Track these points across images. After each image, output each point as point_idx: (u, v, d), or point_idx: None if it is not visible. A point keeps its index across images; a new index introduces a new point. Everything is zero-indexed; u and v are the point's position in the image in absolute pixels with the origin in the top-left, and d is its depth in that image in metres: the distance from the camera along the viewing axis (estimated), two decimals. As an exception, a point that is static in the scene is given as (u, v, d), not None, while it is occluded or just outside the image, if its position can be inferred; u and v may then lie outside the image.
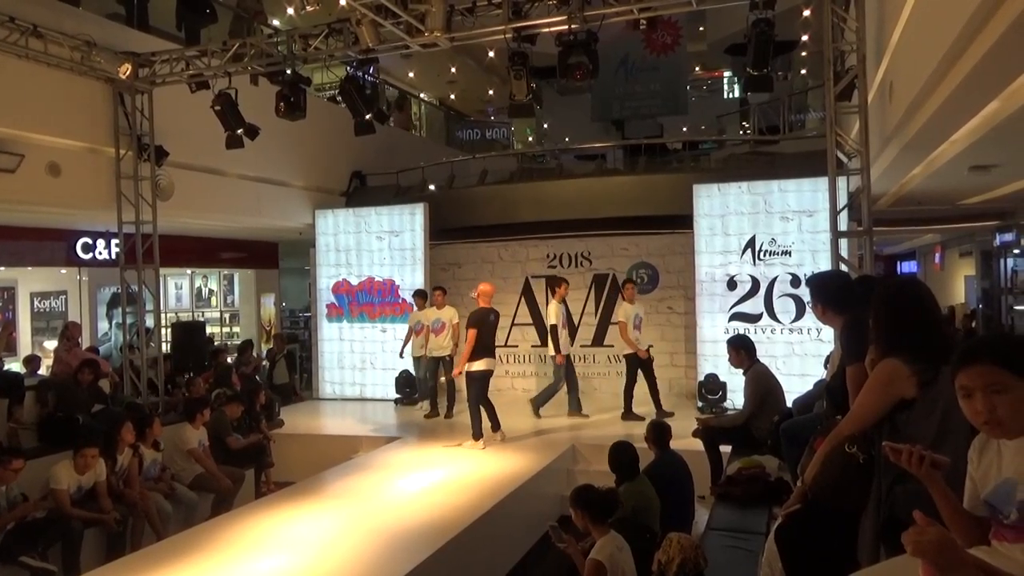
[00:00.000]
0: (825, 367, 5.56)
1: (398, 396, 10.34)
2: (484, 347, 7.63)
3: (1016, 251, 12.16)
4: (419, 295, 9.84)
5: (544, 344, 9.34)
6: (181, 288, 14.27)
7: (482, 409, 7.69)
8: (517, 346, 10.92)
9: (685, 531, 4.45)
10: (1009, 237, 12.14)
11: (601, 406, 9.41)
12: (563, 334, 8.86)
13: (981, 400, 1.81)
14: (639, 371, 8.66)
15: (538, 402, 9.09)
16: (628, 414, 8.67)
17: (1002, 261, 13.00)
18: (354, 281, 11.09)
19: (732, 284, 9.13)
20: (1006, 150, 6.38)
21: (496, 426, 7.82)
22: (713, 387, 8.94)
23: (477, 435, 7.63)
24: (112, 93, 8.63)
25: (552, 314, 8.92)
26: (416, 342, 9.68)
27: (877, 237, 9.27)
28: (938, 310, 2.67)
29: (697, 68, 24.04)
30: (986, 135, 5.56)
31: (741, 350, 6.26)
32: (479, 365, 7.59)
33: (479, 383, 7.66)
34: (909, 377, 2.40)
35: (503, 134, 20.20)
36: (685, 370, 10.03)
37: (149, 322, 9.89)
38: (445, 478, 6.68)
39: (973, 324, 12.61)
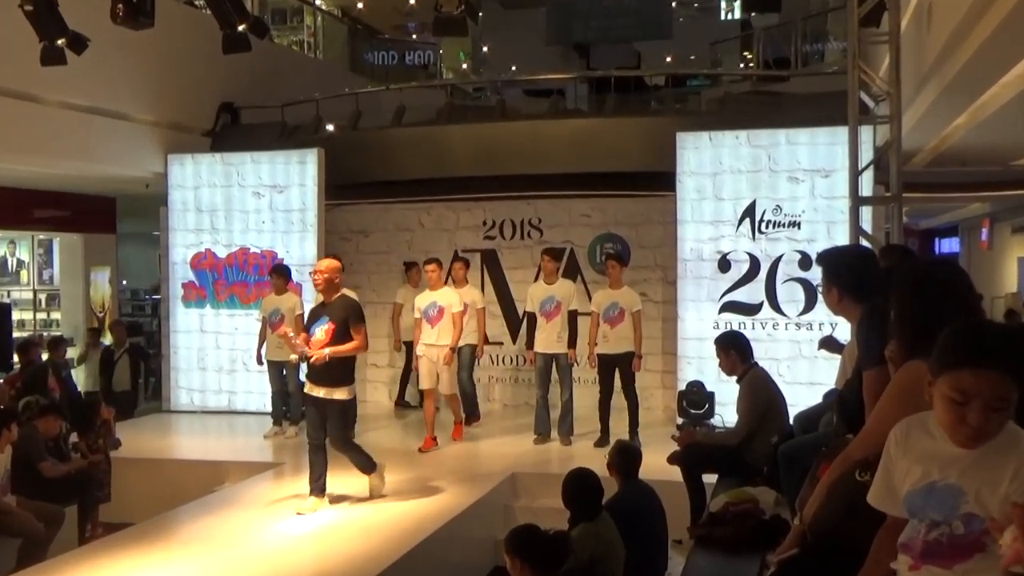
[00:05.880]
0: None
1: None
2: None
3: (1083, 228, 12.70)
4: (278, 273, 9.45)
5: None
6: (-21, 258, 13.80)
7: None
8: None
9: (655, 585, 4.52)
10: (1074, 209, 12.66)
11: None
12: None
13: (979, 412, 1.89)
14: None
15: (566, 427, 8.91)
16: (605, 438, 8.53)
17: (1065, 240, 13.57)
18: (221, 252, 10.95)
19: (725, 265, 9.29)
20: (1073, 96, 6.62)
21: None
22: (697, 399, 9.06)
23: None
24: None
25: (569, 295, 8.91)
26: (271, 340, 9.12)
27: (908, 206, 9.58)
28: (977, 301, 2.75)
29: (687, -21, 24.28)
30: (1048, 76, 5.77)
31: (732, 351, 6.35)
32: None
33: None
34: (939, 385, 2.46)
35: (428, 58, 20.09)
36: (662, 376, 10.17)
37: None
38: (340, 519, 6.62)
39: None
